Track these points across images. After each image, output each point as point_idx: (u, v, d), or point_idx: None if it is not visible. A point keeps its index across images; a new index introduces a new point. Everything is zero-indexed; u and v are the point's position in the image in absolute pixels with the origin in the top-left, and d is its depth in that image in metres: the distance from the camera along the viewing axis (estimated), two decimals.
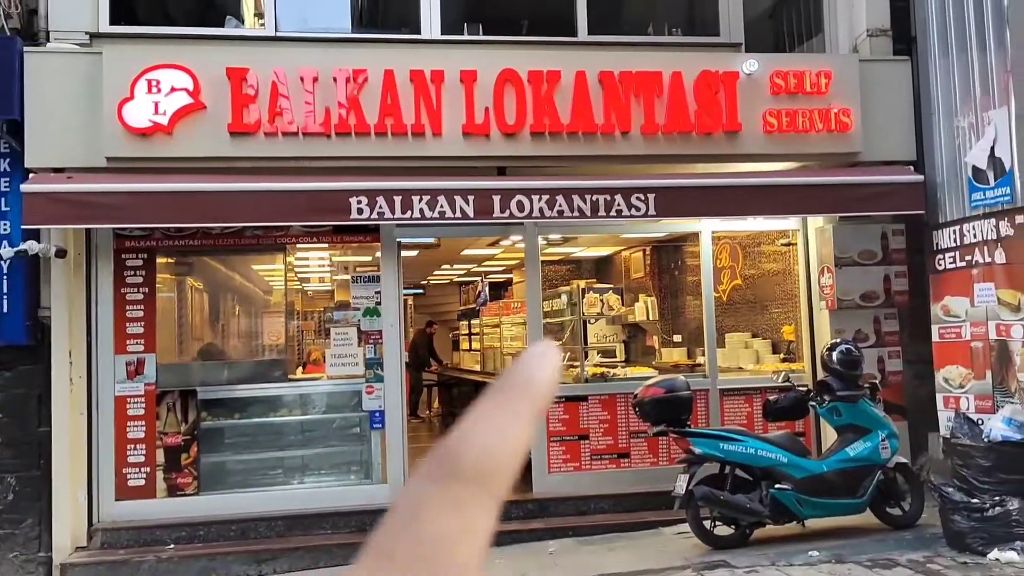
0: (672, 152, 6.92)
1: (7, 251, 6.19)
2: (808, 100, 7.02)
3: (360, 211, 6.36)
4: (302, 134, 6.45)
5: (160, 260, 6.97)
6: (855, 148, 7.11)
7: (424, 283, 15.31)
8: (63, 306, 6.40)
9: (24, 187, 6.02)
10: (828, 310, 7.37)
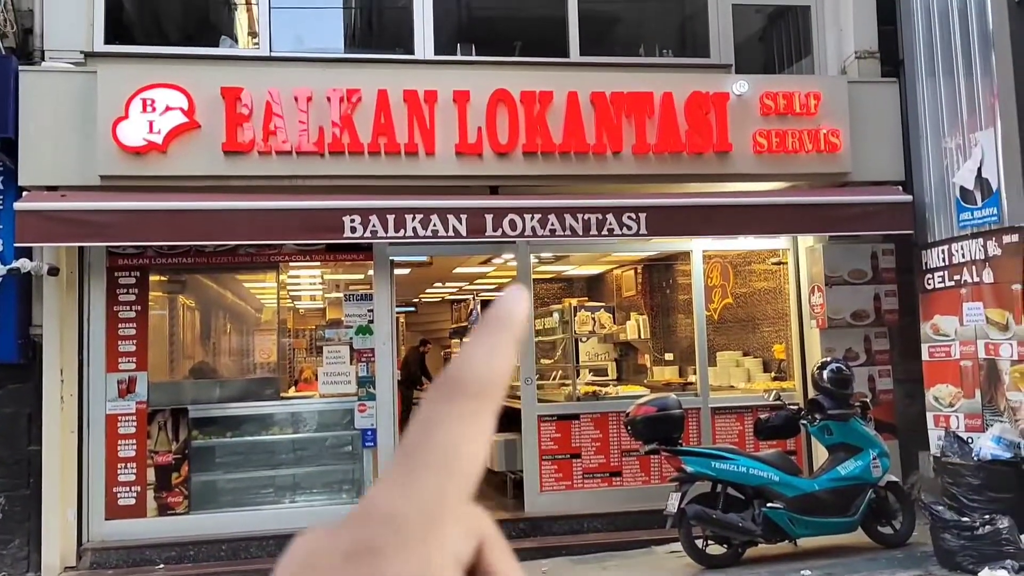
0: (663, 172, 6.99)
1: None
2: (798, 121, 7.10)
3: (353, 229, 6.38)
4: (296, 153, 6.49)
5: (153, 278, 6.97)
6: (844, 168, 7.19)
7: (416, 301, 15.30)
8: (55, 324, 6.39)
9: (17, 205, 6.03)
10: (819, 329, 7.41)
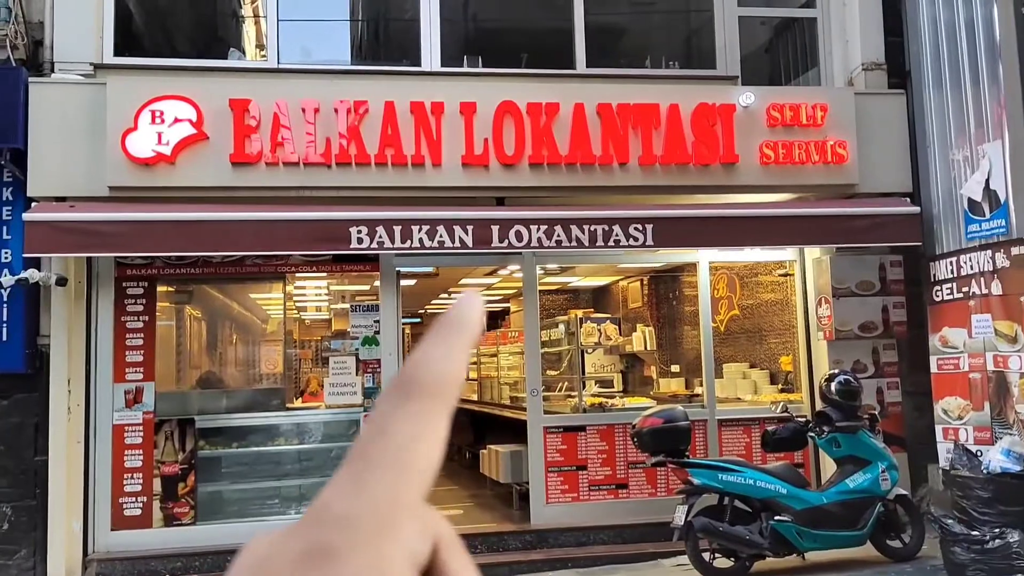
0: (669, 183, 6.99)
1: (8, 279, 6.22)
2: (804, 132, 7.10)
3: (360, 241, 6.40)
4: (303, 164, 6.51)
5: (160, 288, 6.99)
6: (852, 180, 7.17)
7: (421, 312, 15.30)
8: (63, 334, 6.41)
9: (26, 216, 6.06)
10: (826, 340, 7.38)
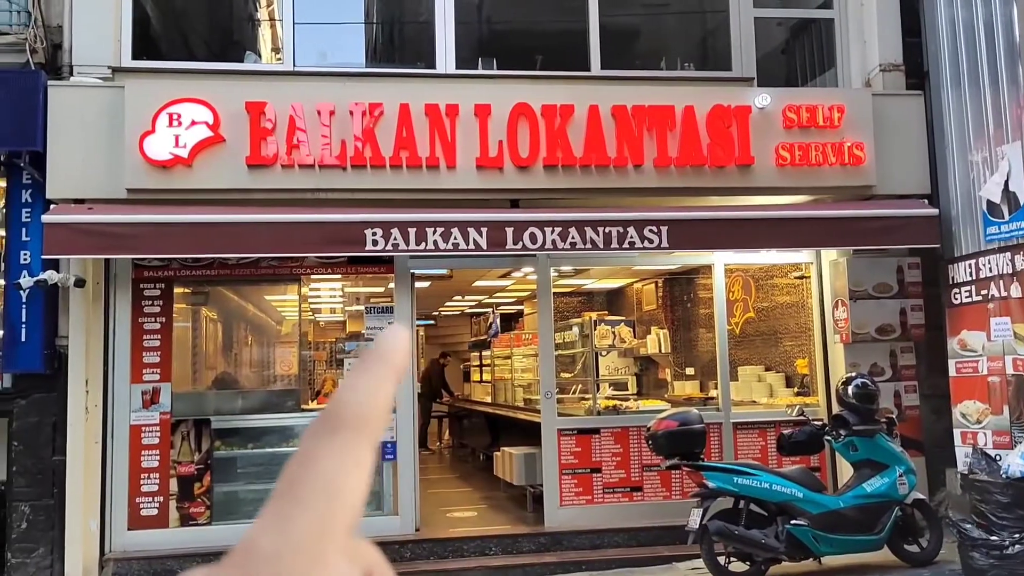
0: (685, 185, 6.96)
1: (27, 280, 6.28)
2: (821, 134, 7.05)
3: (375, 243, 6.42)
4: (318, 166, 6.54)
5: (177, 290, 7.04)
6: (869, 181, 7.12)
7: (435, 314, 15.33)
8: (81, 335, 6.47)
9: (45, 218, 6.12)
10: (842, 343, 7.33)
